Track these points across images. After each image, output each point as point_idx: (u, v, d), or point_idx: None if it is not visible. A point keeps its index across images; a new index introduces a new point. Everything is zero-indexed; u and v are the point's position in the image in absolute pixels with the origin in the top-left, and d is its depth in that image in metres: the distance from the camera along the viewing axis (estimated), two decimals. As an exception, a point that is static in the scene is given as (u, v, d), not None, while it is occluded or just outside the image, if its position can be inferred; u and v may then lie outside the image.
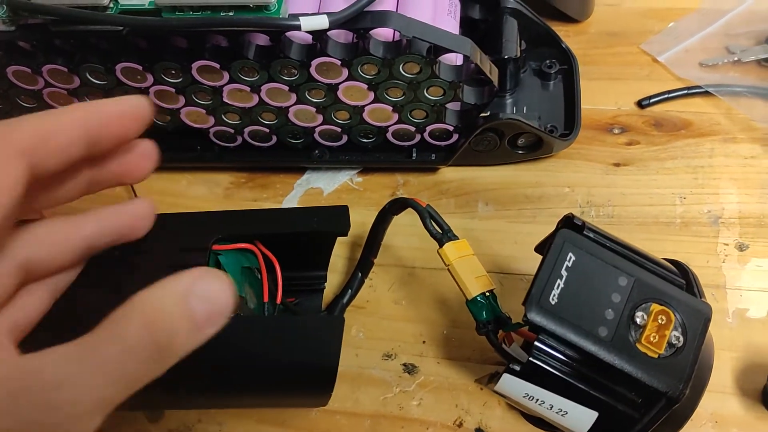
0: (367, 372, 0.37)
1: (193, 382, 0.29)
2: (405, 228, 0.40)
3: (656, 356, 0.27)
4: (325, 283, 0.39)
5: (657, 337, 0.27)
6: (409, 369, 0.37)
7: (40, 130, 0.21)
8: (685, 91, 0.45)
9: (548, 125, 0.42)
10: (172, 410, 0.36)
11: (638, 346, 0.27)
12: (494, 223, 0.41)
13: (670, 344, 0.27)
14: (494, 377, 0.30)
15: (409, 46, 0.36)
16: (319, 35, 0.36)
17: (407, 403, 0.36)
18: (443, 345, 0.38)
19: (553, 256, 0.28)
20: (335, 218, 0.33)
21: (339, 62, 0.36)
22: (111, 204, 0.27)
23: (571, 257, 0.28)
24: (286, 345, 0.28)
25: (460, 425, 0.35)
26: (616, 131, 0.44)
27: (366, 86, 0.38)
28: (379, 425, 0.36)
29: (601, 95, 0.46)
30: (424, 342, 0.38)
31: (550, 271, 0.28)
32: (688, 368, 0.27)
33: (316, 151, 0.44)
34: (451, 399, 0.36)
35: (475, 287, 0.32)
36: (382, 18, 0.35)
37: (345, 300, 0.38)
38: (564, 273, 0.28)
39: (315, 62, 0.37)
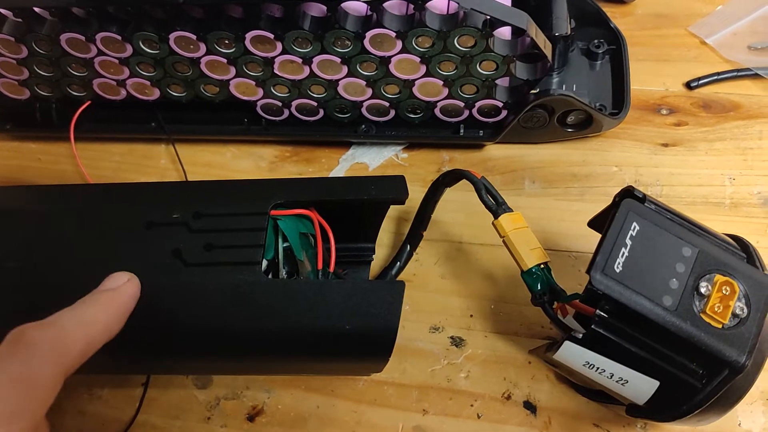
0: (413, 344, 0.37)
1: (263, 345, 0.29)
2: (451, 204, 0.40)
3: (720, 326, 0.27)
4: (373, 256, 0.39)
5: (721, 307, 0.27)
6: (457, 342, 0.37)
7: None
8: (734, 74, 0.45)
9: (597, 104, 0.42)
10: (220, 377, 0.37)
11: (702, 315, 0.27)
12: (541, 200, 0.41)
13: (734, 315, 0.27)
14: (552, 346, 0.30)
15: (466, 18, 0.36)
16: (375, 6, 0.36)
17: (455, 375, 0.36)
18: (491, 319, 0.38)
19: (618, 225, 0.28)
20: (393, 186, 0.33)
21: (394, 34, 0.36)
22: None
23: (635, 227, 0.28)
24: (348, 308, 0.29)
25: (509, 398, 0.35)
26: (664, 112, 0.44)
27: (419, 59, 0.38)
28: (426, 396, 0.36)
29: (648, 76, 0.46)
30: (471, 316, 0.38)
31: (614, 239, 0.28)
32: (752, 339, 0.27)
33: (363, 126, 0.44)
34: (499, 372, 0.36)
35: (531, 259, 0.32)
36: (440, -11, 0.35)
37: (393, 272, 0.38)
38: (628, 242, 0.28)
39: (369, 34, 0.37)
